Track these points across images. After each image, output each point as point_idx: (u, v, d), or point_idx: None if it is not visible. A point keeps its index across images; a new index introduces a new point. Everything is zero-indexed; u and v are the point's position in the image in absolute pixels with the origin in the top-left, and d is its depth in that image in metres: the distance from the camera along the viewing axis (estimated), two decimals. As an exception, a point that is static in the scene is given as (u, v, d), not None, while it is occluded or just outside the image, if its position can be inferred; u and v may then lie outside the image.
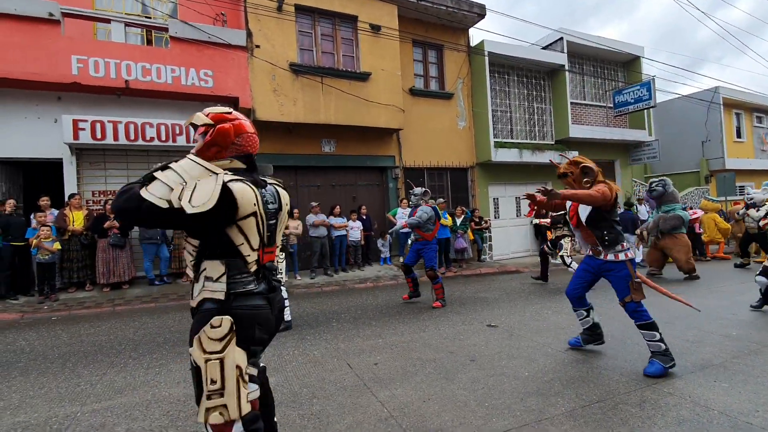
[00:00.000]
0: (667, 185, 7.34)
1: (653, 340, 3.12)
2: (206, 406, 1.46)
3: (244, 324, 1.53)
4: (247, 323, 1.54)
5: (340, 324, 4.83)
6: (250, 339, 1.55)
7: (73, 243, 6.63)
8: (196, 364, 1.50)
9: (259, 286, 1.61)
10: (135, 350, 4.00)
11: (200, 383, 1.48)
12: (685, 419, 2.41)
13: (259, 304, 1.59)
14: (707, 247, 10.27)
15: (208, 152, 1.62)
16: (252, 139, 1.69)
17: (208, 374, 1.46)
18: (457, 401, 2.72)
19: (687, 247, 7.22)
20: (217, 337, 1.48)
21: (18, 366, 3.62)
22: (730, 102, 15.85)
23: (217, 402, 1.45)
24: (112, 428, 2.48)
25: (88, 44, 7.05)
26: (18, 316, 5.51)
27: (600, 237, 3.23)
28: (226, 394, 1.46)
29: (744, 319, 4.56)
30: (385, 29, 9.00)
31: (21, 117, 6.88)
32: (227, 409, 1.45)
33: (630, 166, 13.89)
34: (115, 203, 1.46)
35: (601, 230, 3.22)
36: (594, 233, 3.25)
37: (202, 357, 1.48)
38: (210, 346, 1.48)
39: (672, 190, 7.41)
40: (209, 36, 7.57)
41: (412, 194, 5.93)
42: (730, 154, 15.60)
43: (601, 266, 3.31)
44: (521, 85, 11.79)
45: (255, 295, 1.58)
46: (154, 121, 7.15)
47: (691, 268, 7.18)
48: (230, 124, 1.64)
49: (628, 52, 12.86)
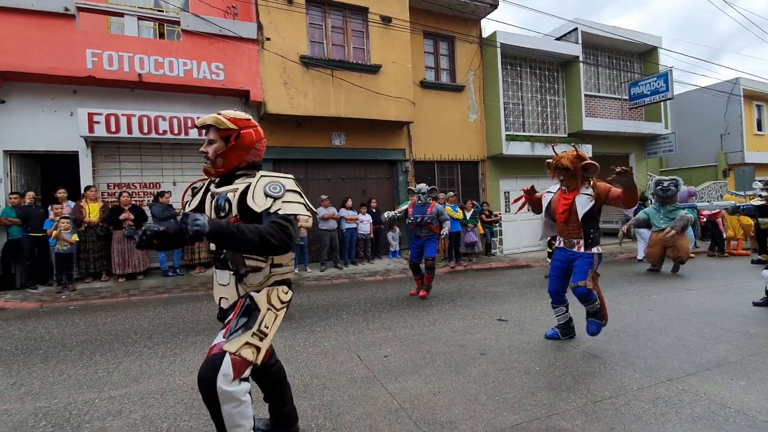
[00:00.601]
0: (679, 184, 7.30)
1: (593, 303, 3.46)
2: (246, 340, 1.65)
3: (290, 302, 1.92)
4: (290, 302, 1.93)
5: (350, 316, 4.86)
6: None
7: (89, 234, 6.77)
8: (257, 307, 1.75)
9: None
10: (150, 339, 4.08)
11: (248, 321, 1.70)
12: (699, 417, 2.38)
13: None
14: (728, 243, 10.05)
15: (232, 155, 1.77)
16: (264, 144, 1.89)
17: (265, 319, 1.73)
18: (467, 394, 2.72)
19: (688, 241, 7.29)
20: (285, 300, 1.85)
21: (38, 353, 3.73)
22: (751, 93, 15.36)
23: (257, 343, 1.68)
24: (128, 415, 2.54)
25: (102, 38, 7.13)
26: (37, 305, 5.66)
27: (587, 233, 3.42)
28: (266, 340, 1.71)
29: (762, 317, 4.46)
30: (395, 21, 8.91)
31: (38, 110, 7.01)
32: (259, 353, 1.67)
33: (645, 159, 13.61)
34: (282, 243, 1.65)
35: (590, 227, 3.42)
36: (583, 228, 3.42)
37: (266, 306, 1.77)
38: (278, 303, 1.81)
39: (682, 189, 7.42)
40: (220, 29, 7.59)
41: (419, 193, 5.81)
42: (750, 148, 15.16)
43: (571, 257, 3.54)
44: (534, 77, 11.59)
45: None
46: (166, 114, 7.22)
47: (686, 260, 7.23)
48: (252, 131, 1.79)
49: (645, 43, 12.53)
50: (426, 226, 5.73)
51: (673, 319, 4.44)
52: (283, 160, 8.66)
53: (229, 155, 1.74)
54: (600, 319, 3.52)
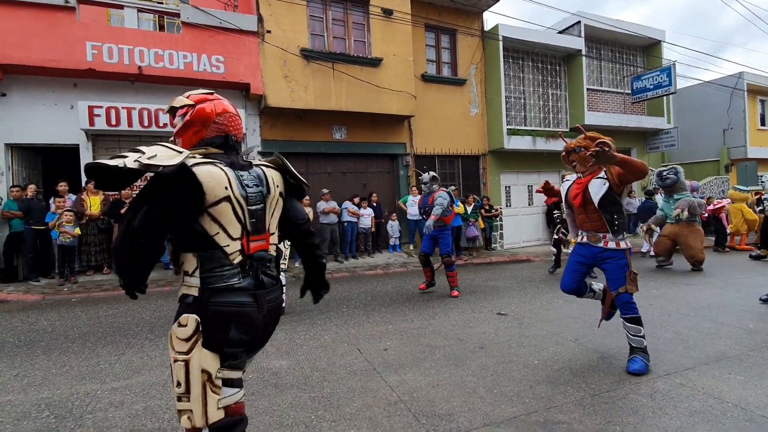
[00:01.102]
0: (679, 173, 7.20)
1: (637, 335, 2.98)
2: (177, 408, 1.36)
3: (217, 323, 1.36)
4: (221, 322, 1.36)
5: (350, 310, 4.89)
6: (225, 341, 1.36)
7: (90, 227, 6.79)
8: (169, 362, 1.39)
9: (243, 280, 1.41)
10: (151, 332, 4.11)
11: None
12: (697, 410, 2.39)
13: (240, 301, 1.39)
14: (732, 238, 10.04)
15: (188, 132, 1.50)
16: (234, 119, 1.54)
17: (175, 376, 1.34)
18: (466, 387, 2.74)
19: (702, 236, 7.11)
20: (183, 336, 1.34)
21: (41, 345, 3.76)
22: (754, 88, 15.25)
23: (185, 406, 1.33)
24: (130, 406, 2.56)
25: (102, 31, 7.09)
26: (39, 297, 5.69)
27: (610, 221, 2.97)
28: (192, 398, 1.33)
29: (762, 312, 4.46)
30: (397, 13, 8.84)
31: (39, 103, 7.00)
32: (193, 416, 1.32)
33: (647, 154, 13.56)
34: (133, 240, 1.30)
35: (612, 214, 2.96)
36: (604, 216, 2.97)
37: (171, 356, 1.37)
38: (178, 345, 1.35)
39: (683, 179, 7.27)
40: (220, 21, 7.54)
41: (422, 182, 5.77)
42: (752, 143, 15.08)
43: (599, 255, 3.07)
44: (536, 70, 11.52)
45: (236, 290, 1.39)
46: (166, 107, 7.18)
47: (703, 259, 7.06)
48: (211, 104, 1.51)
49: (649, 37, 12.43)
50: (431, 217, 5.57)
51: (673, 313, 4.45)
52: (284, 153, 8.53)
53: (184, 132, 1.51)
54: (646, 360, 2.96)
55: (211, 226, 1.35)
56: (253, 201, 1.44)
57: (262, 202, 1.48)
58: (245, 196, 1.41)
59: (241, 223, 1.40)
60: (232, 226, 1.38)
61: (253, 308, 1.41)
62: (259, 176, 1.50)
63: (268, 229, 1.52)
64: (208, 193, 1.32)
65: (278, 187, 1.56)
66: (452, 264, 5.61)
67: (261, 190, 1.48)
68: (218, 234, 1.36)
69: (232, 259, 1.38)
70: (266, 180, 1.51)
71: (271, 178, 1.53)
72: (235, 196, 1.38)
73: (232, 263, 1.39)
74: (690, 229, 7.07)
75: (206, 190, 1.31)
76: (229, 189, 1.36)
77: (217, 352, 1.36)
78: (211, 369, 1.35)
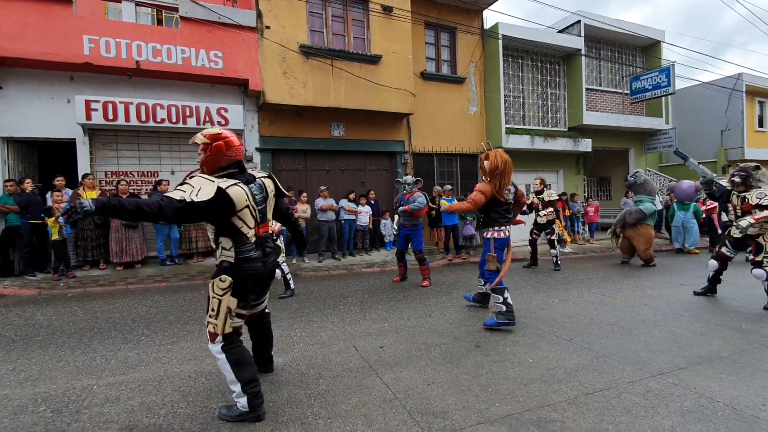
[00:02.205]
0: (638, 177, 7.83)
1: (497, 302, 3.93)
2: (206, 320, 2.32)
3: (243, 280, 2.32)
4: (246, 280, 2.33)
5: (346, 307, 4.90)
6: (245, 290, 2.36)
7: (87, 222, 6.77)
8: (209, 295, 2.32)
9: (256, 252, 2.36)
10: (148, 327, 4.11)
11: (207, 306, 2.34)
12: (689, 410, 2.42)
13: (256, 266, 2.36)
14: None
15: (209, 163, 2.30)
16: (239, 149, 2.36)
17: (210, 305, 2.30)
18: (461, 385, 2.76)
19: (646, 238, 7.65)
20: (221, 287, 2.28)
21: (37, 339, 3.76)
22: (753, 89, 15.29)
23: (213, 321, 2.29)
24: (126, 401, 2.57)
25: (100, 24, 7.05)
26: (36, 292, 5.68)
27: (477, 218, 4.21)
28: (218, 319, 2.28)
29: (755, 313, 4.51)
30: (397, 10, 8.81)
31: (35, 97, 6.95)
32: (216, 328, 2.29)
33: (645, 154, 13.60)
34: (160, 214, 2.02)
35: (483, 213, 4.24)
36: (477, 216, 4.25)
37: (211, 294, 2.30)
38: (217, 290, 2.28)
39: (643, 182, 7.81)
40: (219, 16, 7.51)
41: (405, 183, 6.15)
42: (750, 144, 15.15)
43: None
44: (535, 69, 11.52)
45: (254, 260, 2.35)
46: (164, 102, 7.17)
47: (649, 258, 7.59)
48: (222, 141, 2.28)
49: (648, 37, 12.44)
50: (406, 212, 6.02)
51: (667, 313, 4.49)
52: (282, 150, 8.63)
53: (207, 163, 2.31)
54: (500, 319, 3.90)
55: (239, 222, 2.27)
56: (259, 203, 2.39)
57: (264, 203, 2.44)
58: (255, 201, 2.34)
59: (254, 218, 2.34)
60: (250, 222, 2.32)
61: (262, 270, 2.41)
62: (260, 186, 2.43)
63: (268, 219, 2.50)
64: (237, 205, 2.22)
65: (272, 191, 2.54)
66: (424, 260, 6.14)
67: (263, 195, 2.44)
68: (243, 226, 2.29)
69: (250, 240, 2.33)
70: (265, 188, 2.46)
71: (267, 186, 2.49)
72: (251, 203, 2.30)
73: (250, 242, 2.33)
74: (637, 231, 7.68)
75: (236, 203, 2.21)
76: (248, 200, 2.28)
77: (237, 297, 2.30)
78: (232, 306, 2.30)
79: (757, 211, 4.55)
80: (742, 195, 4.76)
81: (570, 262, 8.58)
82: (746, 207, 4.69)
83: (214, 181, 2.14)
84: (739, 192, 4.80)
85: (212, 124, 7.45)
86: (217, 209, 2.15)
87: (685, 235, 9.44)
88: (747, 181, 4.73)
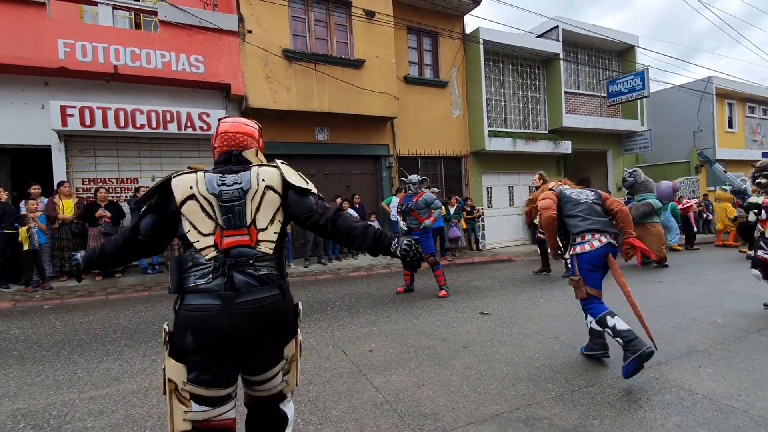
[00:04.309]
0: (637, 176, 7.69)
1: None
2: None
3: (178, 327, 1.36)
4: (180, 327, 1.35)
5: (334, 312, 4.88)
6: (183, 348, 1.33)
7: (63, 231, 6.56)
8: None
9: (213, 281, 1.35)
10: (130, 338, 4.01)
11: None
12: (670, 403, 2.50)
13: (200, 304, 1.32)
14: (719, 235, 10.72)
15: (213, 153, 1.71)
16: (226, 137, 1.63)
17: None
18: (450, 387, 2.78)
19: (658, 236, 7.43)
20: (162, 341, 1.40)
21: (14, 354, 3.62)
22: (722, 92, 15.95)
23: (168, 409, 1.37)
24: (110, 415, 2.50)
25: (75, 28, 6.87)
26: (10, 305, 5.47)
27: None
28: (167, 404, 1.36)
29: (729, 307, 4.69)
30: (379, 15, 8.88)
31: (7, 103, 6.72)
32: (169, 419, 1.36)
33: (622, 156, 14.00)
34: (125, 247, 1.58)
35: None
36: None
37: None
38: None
39: (643, 180, 7.70)
40: (199, 20, 7.42)
41: (410, 183, 5.86)
42: (721, 144, 15.76)
43: None
44: (516, 73, 11.75)
45: (200, 292, 1.34)
46: (144, 107, 7.03)
47: (663, 257, 7.40)
48: (214, 131, 1.70)
49: (623, 42, 12.85)
50: (411, 214, 5.73)
51: (647, 310, 4.60)
52: (266, 155, 8.40)
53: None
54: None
55: (184, 223, 1.41)
56: (227, 197, 1.42)
57: (242, 198, 1.44)
58: (216, 192, 1.42)
59: (211, 219, 1.41)
60: (202, 222, 1.41)
61: (215, 311, 1.31)
62: (248, 177, 1.48)
63: (254, 224, 1.44)
64: (175, 193, 1.41)
65: (265, 181, 1.49)
66: (437, 263, 5.69)
67: (244, 188, 1.45)
68: (189, 231, 1.40)
69: (204, 255, 1.38)
70: (254, 180, 1.48)
71: (257, 174, 1.49)
72: (201, 192, 1.41)
73: (202, 259, 1.38)
74: (646, 230, 7.34)
75: (174, 194, 1.41)
76: (195, 188, 1.42)
77: (180, 361, 1.34)
78: (176, 379, 1.34)
79: None
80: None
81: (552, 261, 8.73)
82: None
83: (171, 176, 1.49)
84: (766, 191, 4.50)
85: (194, 129, 7.34)
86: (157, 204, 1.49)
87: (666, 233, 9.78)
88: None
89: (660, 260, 7.41)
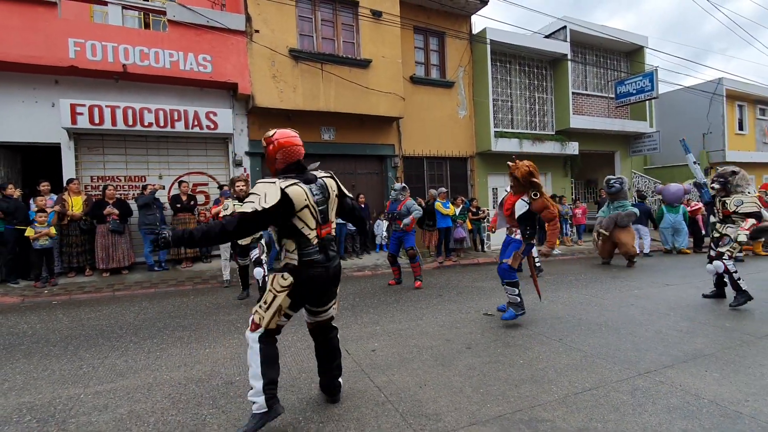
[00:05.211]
0: (624, 183, 8.14)
1: (513, 294, 4.16)
2: (255, 309, 2.33)
3: (303, 284, 2.27)
4: (306, 283, 2.28)
5: (338, 311, 4.88)
6: (301, 294, 2.30)
7: (72, 228, 6.64)
8: (266, 287, 2.34)
9: (319, 255, 2.28)
10: (136, 334, 4.05)
11: (260, 296, 2.41)
12: (675, 407, 2.47)
13: (318, 271, 2.29)
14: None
15: (269, 164, 2.39)
16: (290, 150, 2.30)
17: (265, 297, 2.30)
18: (452, 387, 2.77)
19: (633, 235, 8.09)
20: (282, 284, 2.25)
21: (21, 348, 3.67)
22: (733, 94, 15.73)
23: (260, 312, 2.29)
24: (114, 410, 2.53)
25: (85, 27, 6.96)
26: (19, 300, 5.55)
27: (522, 230, 4.21)
28: (267, 312, 2.26)
29: (737, 311, 4.62)
30: (386, 15, 8.88)
31: (18, 101, 6.82)
32: (262, 319, 2.27)
33: (630, 157, 13.87)
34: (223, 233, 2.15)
35: (525, 226, 4.20)
36: (519, 225, 4.24)
37: (269, 287, 2.30)
38: (276, 286, 2.27)
39: (626, 189, 8.24)
40: (208, 20, 7.47)
41: (393, 189, 6.37)
42: (731, 147, 15.55)
43: (508, 239, 4.42)
44: (523, 74, 11.69)
45: (316, 263, 2.28)
46: (152, 106, 7.10)
47: (635, 253, 7.96)
48: (271, 146, 2.31)
49: (632, 42, 12.73)
50: (397, 221, 6.23)
51: (653, 313, 4.57)
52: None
53: (269, 165, 2.40)
54: (517, 310, 4.14)
55: (299, 223, 2.23)
56: (320, 203, 2.30)
57: (325, 203, 2.33)
58: (315, 201, 2.26)
59: (315, 219, 2.27)
60: (311, 222, 2.25)
61: (323, 270, 2.31)
62: (321, 186, 2.32)
63: (331, 219, 2.40)
64: (297, 205, 2.18)
65: (334, 191, 2.42)
66: (416, 256, 6.27)
67: (324, 196, 2.32)
68: (303, 227, 2.24)
69: (312, 241, 2.26)
70: (327, 188, 2.35)
71: (329, 186, 2.38)
72: (311, 203, 2.24)
73: (313, 244, 2.27)
74: (625, 230, 7.94)
75: (295, 203, 2.17)
76: (307, 200, 2.22)
77: (292, 298, 2.27)
78: (284, 305, 2.27)
79: (740, 220, 4.69)
80: (723, 200, 4.90)
81: (558, 263, 8.69)
82: (725, 212, 4.85)
83: (275, 182, 2.15)
84: (721, 197, 4.94)
85: (201, 128, 7.40)
86: (282, 211, 2.15)
87: (675, 236, 9.68)
88: (726, 186, 4.88)
89: (632, 256, 7.90)
